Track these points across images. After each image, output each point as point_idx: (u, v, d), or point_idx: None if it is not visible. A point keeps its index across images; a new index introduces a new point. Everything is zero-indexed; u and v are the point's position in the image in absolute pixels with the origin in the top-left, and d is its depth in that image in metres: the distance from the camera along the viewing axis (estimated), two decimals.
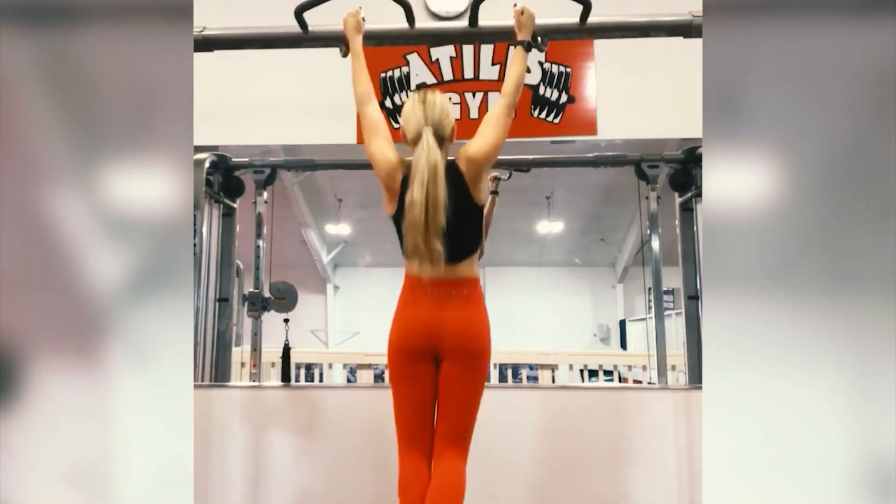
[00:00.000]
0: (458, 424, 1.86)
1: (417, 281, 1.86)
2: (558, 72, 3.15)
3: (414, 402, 1.87)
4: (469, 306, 1.86)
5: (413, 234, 1.77)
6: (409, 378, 1.86)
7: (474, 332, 1.85)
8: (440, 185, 1.77)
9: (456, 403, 1.85)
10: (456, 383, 1.84)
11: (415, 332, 1.84)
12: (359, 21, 2.07)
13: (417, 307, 1.85)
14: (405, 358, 1.86)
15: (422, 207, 1.75)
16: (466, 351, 1.84)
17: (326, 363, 5.25)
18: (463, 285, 1.87)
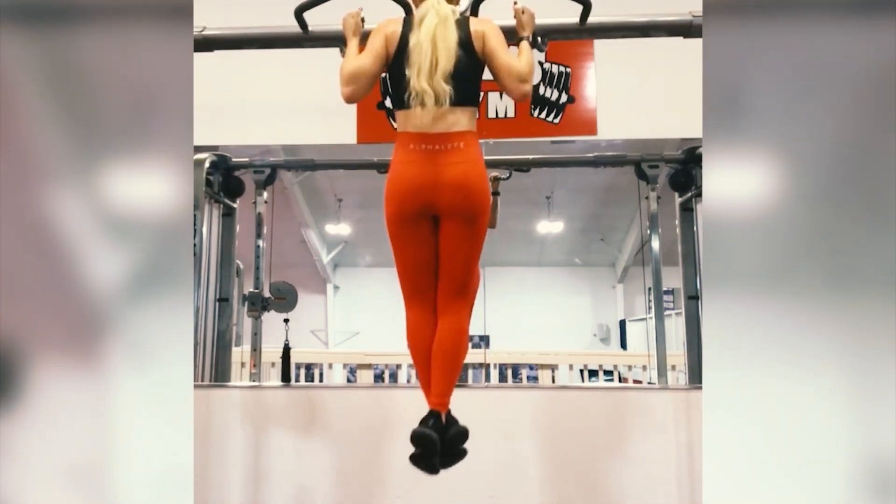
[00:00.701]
0: (459, 279, 1.89)
1: (412, 136, 1.83)
2: (558, 72, 3.15)
3: (415, 261, 1.89)
4: (465, 161, 1.82)
5: (417, 76, 1.76)
6: (408, 238, 1.87)
7: (472, 188, 1.82)
8: (450, 31, 1.79)
9: (456, 260, 1.87)
10: (456, 241, 1.85)
11: (411, 192, 1.82)
12: (358, 22, 2.06)
13: (412, 166, 1.82)
14: (403, 219, 1.85)
15: (430, 48, 1.76)
16: (464, 208, 1.82)
17: (326, 363, 5.25)
18: (460, 138, 1.82)
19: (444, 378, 1.85)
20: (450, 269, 1.89)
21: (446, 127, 1.82)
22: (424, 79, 1.76)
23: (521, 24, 1.98)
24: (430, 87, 1.76)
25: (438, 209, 1.84)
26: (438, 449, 1.77)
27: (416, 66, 1.78)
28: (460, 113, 1.83)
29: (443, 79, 1.76)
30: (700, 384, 2.93)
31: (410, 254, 1.89)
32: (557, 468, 2.82)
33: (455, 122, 1.83)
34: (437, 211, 1.85)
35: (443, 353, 1.87)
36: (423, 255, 1.89)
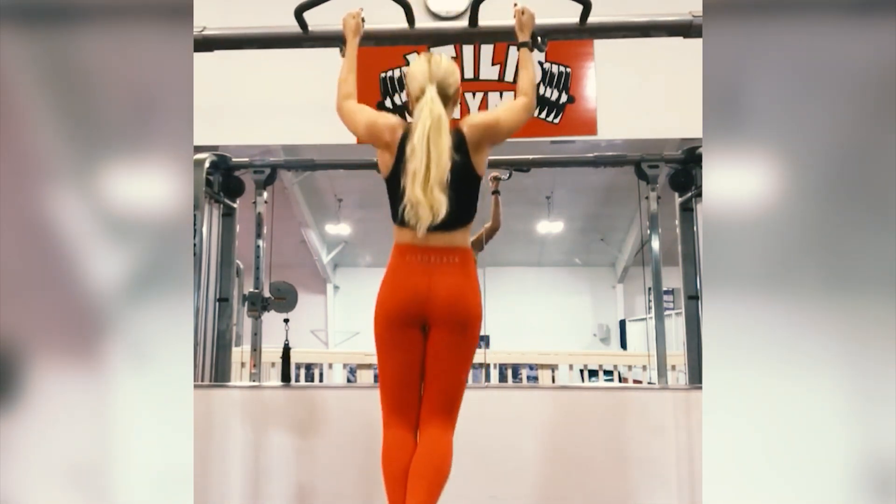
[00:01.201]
0: (445, 394, 1.80)
1: (408, 248, 1.80)
2: (558, 72, 3.15)
3: (401, 371, 1.80)
4: (460, 274, 1.80)
5: (412, 184, 1.71)
6: (396, 345, 1.80)
7: (465, 299, 1.79)
8: (444, 135, 1.73)
9: (444, 372, 1.80)
10: (444, 351, 1.79)
11: (403, 297, 1.78)
12: (358, 23, 2.06)
13: (406, 273, 1.79)
14: (393, 324, 1.79)
15: (424, 155, 1.71)
16: (456, 318, 1.78)
17: (326, 363, 5.25)
18: (455, 253, 1.81)
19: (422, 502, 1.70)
20: (437, 381, 1.80)
21: (441, 242, 1.79)
22: (419, 187, 1.70)
23: (521, 24, 1.98)
24: (425, 197, 1.70)
25: (429, 318, 1.79)
26: None
27: (411, 175, 1.72)
28: (456, 233, 1.81)
29: (438, 187, 1.70)
30: (700, 384, 2.92)
31: (396, 361, 1.81)
32: (557, 468, 2.82)
33: (450, 240, 1.81)
34: (428, 319, 1.79)
35: (421, 478, 1.72)
36: (409, 363, 1.80)
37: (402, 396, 1.81)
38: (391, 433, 1.81)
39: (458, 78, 1.87)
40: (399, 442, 1.79)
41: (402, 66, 3.17)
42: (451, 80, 1.84)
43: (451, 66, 1.85)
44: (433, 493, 1.72)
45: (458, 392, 1.82)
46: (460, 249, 1.82)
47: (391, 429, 1.81)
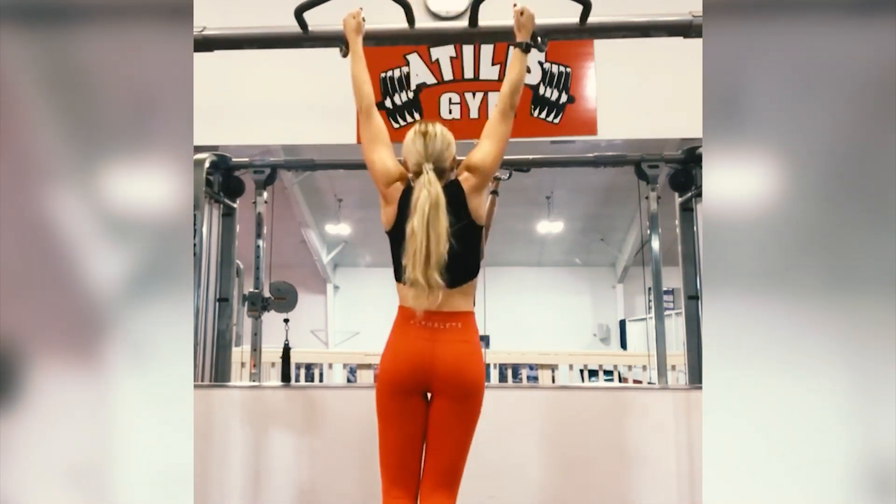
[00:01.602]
0: (447, 465, 1.78)
1: (411, 313, 1.81)
2: (558, 72, 3.15)
3: (402, 440, 1.79)
4: (464, 341, 1.81)
5: (413, 266, 1.73)
6: (398, 413, 1.79)
7: (468, 367, 1.79)
8: (441, 216, 1.74)
9: (446, 443, 1.78)
10: (447, 421, 1.78)
11: (406, 364, 1.78)
12: (359, 22, 2.06)
13: (410, 339, 1.80)
14: (395, 391, 1.79)
15: (423, 239, 1.72)
16: (459, 387, 1.77)
17: (326, 363, 5.25)
18: (458, 318, 1.82)
19: None
20: (439, 452, 1.78)
21: (443, 306, 1.80)
22: (420, 272, 1.72)
23: (520, 24, 1.97)
24: (424, 280, 1.72)
25: (432, 386, 1.79)
26: None
27: (410, 255, 1.74)
28: (458, 294, 1.82)
29: (436, 271, 1.72)
30: (700, 384, 2.93)
31: (398, 430, 1.79)
32: (557, 468, 2.82)
33: (452, 303, 1.81)
34: (430, 388, 1.79)
35: None
36: (411, 433, 1.79)
37: (403, 466, 1.79)
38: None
39: (454, 148, 1.90)
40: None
41: (402, 67, 3.17)
42: (447, 153, 1.87)
43: (445, 139, 1.87)
44: None
45: (461, 463, 1.80)
46: (463, 314, 1.84)
47: (390, 500, 1.78)
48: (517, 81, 1.90)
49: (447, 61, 3.15)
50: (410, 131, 1.89)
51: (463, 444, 1.80)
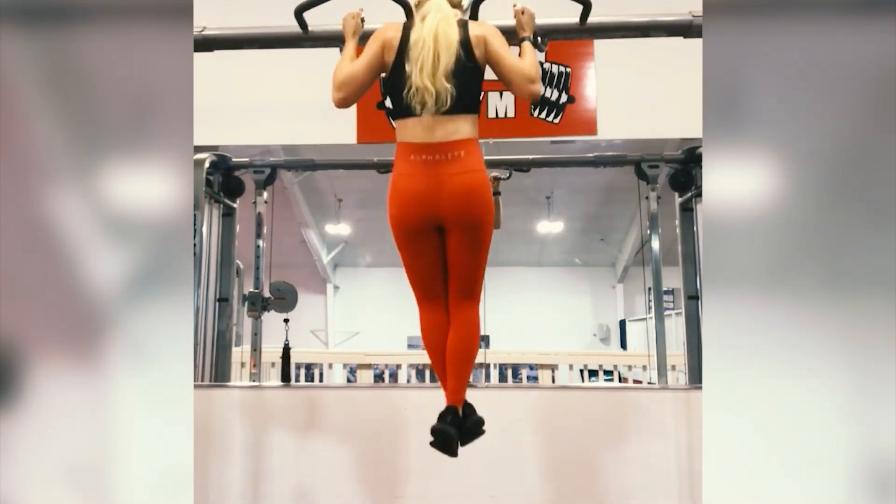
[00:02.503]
0: (468, 283, 1.92)
1: (412, 147, 1.81)
2: (558, 72, 3.15)
3: (424, 269, 1.93)
4: (467, 171, 1.80)
5: (419, 72, 1.74)
6: (415, 249, 1.90)
7: (475, 198, 1.82)
8: (453, 28, 1.79)
9: (465, 267, 1.90)
10: (463, 249, 1.87)
11: (414, 206, 1.83)
12: (358, 24, 2.05)
13: (413, 178, 1.82)
14: (408, 231, 1.87)
15: (432, 43, 1.75)
16: (468, 219, 1.83)
17: (326, 363, 5.24)
18: (460, 146, 1.80)
19: (458, 376, 1.92)
20: (458, 274, 1.92)
21: (446, 135, 1.80)
22: (427, 75, 1.75)
23: (521, 24, 1.97)
24: (432, 84, 1.74)
25: (443, 220, 1.85)
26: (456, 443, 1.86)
27: (417, 63, 1.76)
28: (461, 120, 1.81)
29: (444, 76, 1.75)
30: (700, 384, 2.93)
31: (418, 263, 1.92)
32: (557, 468, 2.82)
33: (455, 130, 1.80)
34: (442, 222, 1.86)
35: (456, 353, 1.92)
36: (431, 263, 1.92)
37: (430, 286, 1.95)
38: (425, 315, 1.98)
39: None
40: (433, 321, 1.96)
41: None
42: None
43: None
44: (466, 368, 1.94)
45: (479, 276, 1.95)
46: (465, 142, 1.81)
47: (425, 311, 1.98)
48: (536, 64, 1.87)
49: None
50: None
51: (479, 264, 1.92)
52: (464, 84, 1.80)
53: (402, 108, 1.82)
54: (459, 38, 1.80)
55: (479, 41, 1.85)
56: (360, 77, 1.85)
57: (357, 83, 1.86)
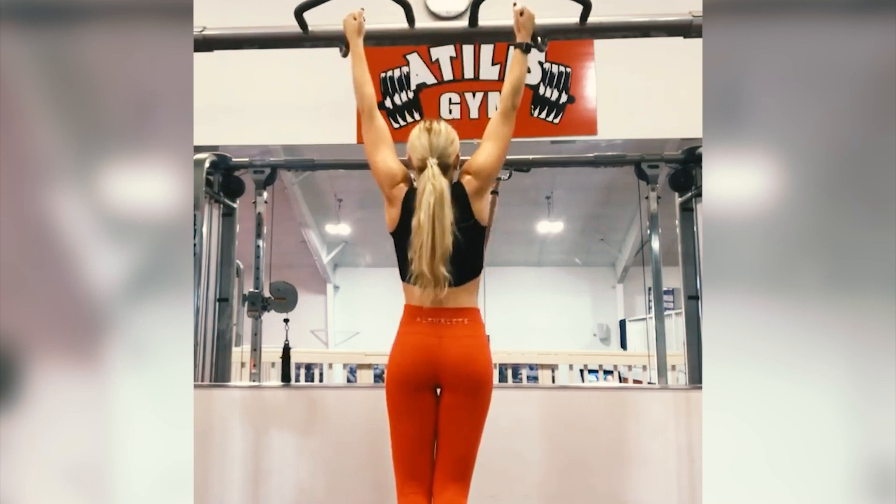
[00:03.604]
0: (459, 458, 1.81)
1: (418, 310, 1.84)
2: (558, 72, 3.15)
3: (414, 436, 1.82)
4: (471, 336, 1.84)
5: (419, 259, 1.76)
6: (408, 410, 1.82)
7: (476, 361, 1.81)
8: (447, 210, 1.78)
9: (457, 436, 1.81)
10: (457, 415, 1.80)
11: (415, 361, 1.81)
12: (360, 23, 2.06)
13: (417, 336, 1.83)
14: (405, 389, 1.81)
15: (429, 231, 1.75)
16: (468, 381, 1.80)
17: (326, 363, 5.25)
18: (464, 314, 1.85)
19: None
20: (450, 446, 1.81)
21: (449, 302, 1.83)
22: (426, 265, 1.75)
23: (520, 25, 1.97)
24: (431, 274, 1.75)
25: (441, 381, 1.82)
26: None
27: (416, 250, 1.77)
28: (463, 291, 1.84)
29: (442, 263, 1.76)
30: (700, 384, 2.92)
31: (409, 426, 1.82)
32: (557, 468, 2.82)
33: (457, 299, 1.84)
34: (440, 382, 1.82)
35: None
36: (422, 428, 1.82)
37: (416, 461, 1.82)
38: (406, 501, 1.81)
39: (458, 145, 1.93)
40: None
41: (402, 67, 3.17)
42: (451, 149, 1.90)
43: (450, 136, 1.91)
44: None
45: (472, 456, 1.84)
46: (468, 310, 1.86)
47: (405, 495, 1.81)
48: (518, 82, 1.91)
49: (447, 61, 3.15)
50: (415, 128, 1.93)
51: (474, 437, 1.83)
52: (464, 261, 1.82)
53: (407, 277, 1.83)
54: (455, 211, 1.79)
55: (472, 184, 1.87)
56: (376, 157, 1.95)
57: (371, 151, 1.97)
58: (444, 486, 1.79)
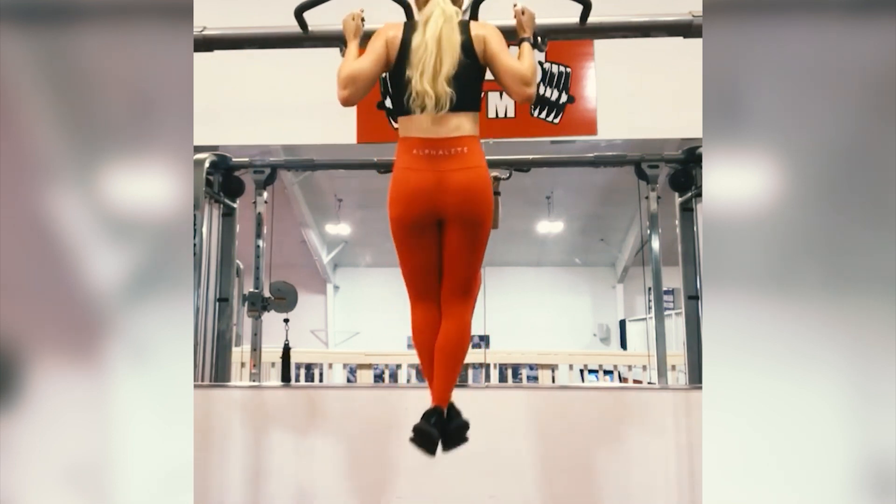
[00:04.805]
0: (463, 281, 1.92)
1: (414, 141, 1.83)
2: (558, 72, 3.15)
3: (420, 265, 1.92)
4: (469, 167, 1.82)
5: (420, 76, 1.76)
6: (413, 243, 1.89)
7: (475, 194, 1.83)
8: (456, 32, 1.80)
9: (460, 264, 1.89)
10: (460, 246, 1.87)
11: (415, 198, 1.83)
12: (358, 25, 2.05)
13: (415, 172, 1.82)
14: (408, 225, 1.86)
15: (434, 47, 1.76)
16: (468, 214, 1.83)
17: (326, 363, 5.24)
18: (462, 142, 1.82)
19: (446, 377, 1.89)
20: (454, 271, 1.91)
21: (448, 132, 1.81)
22: (427, 80, 1.76)
23: (521, 24, 1.97)
24: (433, 89, 1.76)
25: (443, 214, 1.85)
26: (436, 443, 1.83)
27: (419, 68, 1.77)
28: (462, 117, 1.83)
29: (445, 81, 1.76)
30: (700, 384, 2.93)
31: (415, 258, 1.91)
32: (557, 468, 2.82)
33: (457, 126, 1.82)
34: (442, 216, 1.86)
35: (445, 352, 1.90)
36: (428, 259, 1.91)
37: (424, 284, 1.94)
38: (417, 312, 1.96)
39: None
40: (425, 319, 1.95)
41: None
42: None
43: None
44: (455, 369, 1.91)
45: (475, 276, 1.95)
46: (467, 138, 1.83)
47: (417, 308, 1.96)
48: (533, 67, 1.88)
49: None
50: None
51: (475, 262, 1.93)
52: (465, 85, 1.81)
53: (403, 108, 1.83)
54: (461, 39, 1.81)
55: (480, 40, 1.86)
56: (365, 72, 1.84)
57: (363, 79, 1.84)
58: (451, 302, 1.93)
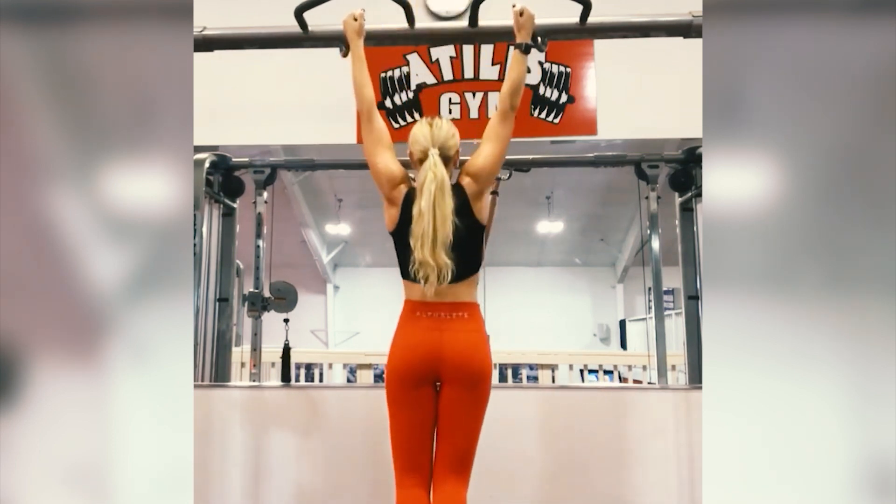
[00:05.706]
0: (459, 451, 1.83)
1: (418, 305, 1.86)
2: (558, 72, 3.15)
3: (413, 429, 1.83)
4: (471, 330, 1.85)
5: (420, 247, 1.77)
6: (408, 404, 1.83)
7: (476, 355, 1.83)
8: (447, 198, 1.79)
9: (457, 429, 1.83)
10: (457, 409, 1.82)
11: (415, 356, 1.82)
12: (361, 24, 2.06)
13: (418, 330, 1.84)
14: (405, 383, 1.82)
15: (430, 218, 1.76)
16: (468, 376, 1.81)
17: (326, 363, 5.25)
18: (464, 308, 1.86)
19: None
20: (450, 439, 1.83)
21: (449, 297, 1.84)
22: (427, 250, 1.76)
23: (520, 25, 1.97)
24: (433, 260, 1.76)
25: (441, 375, 1.83)
26: None
27: (418, 237, 1.78)
28: (463, 286, 1.86)
29: (443, 250, 1.77)
30: (700, 384, 2.92)
31: (409, 420, 1.83)
32: (557, 468, 2.82)
33: (458, 294, 1.85)
34: (440, 377, 1.83)
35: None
36: (422, 421, 1.83)
37: (416, 454, 1.83)
38: (405, 492, 1.82)
39: (458, 140, 1.95)
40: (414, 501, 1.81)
41: (402, 67, 3.17)
42: (452, 142, 1.92)
43: (451, 129, 1.93)
44: None
45: (472, 448, 1.85)
46: (468, 304, 1.88)
47: (405, 489, 1.82)
48: (518, 82, 1.91)
49: (447, 61, 3.15)
50: (417, 122, 1.96)
51: (474, 431, 1.85)
52: (465, 251, 1.84)
53: (408, 275, 1.85)
54: (455, 205, 1.81)
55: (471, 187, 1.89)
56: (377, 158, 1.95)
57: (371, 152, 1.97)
58: (444, 479, 1.81)
